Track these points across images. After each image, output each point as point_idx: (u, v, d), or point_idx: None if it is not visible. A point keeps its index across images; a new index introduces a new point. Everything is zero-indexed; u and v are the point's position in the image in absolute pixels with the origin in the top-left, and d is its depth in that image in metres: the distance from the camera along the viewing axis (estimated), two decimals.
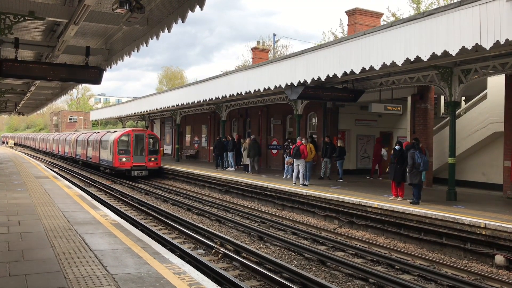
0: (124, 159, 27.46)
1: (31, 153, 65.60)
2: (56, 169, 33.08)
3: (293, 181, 18.16)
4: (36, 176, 20.18)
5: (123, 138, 27.95)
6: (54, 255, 6.84)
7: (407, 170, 13.38)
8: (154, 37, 11.00)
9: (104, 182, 26.22)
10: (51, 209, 11.11)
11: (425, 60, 11.72)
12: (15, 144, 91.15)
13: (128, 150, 27.75)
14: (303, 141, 18.42)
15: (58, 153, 51.08)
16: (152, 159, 28.28)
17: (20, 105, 31.40)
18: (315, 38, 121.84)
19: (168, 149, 43.26)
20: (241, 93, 20.47)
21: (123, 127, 45.15)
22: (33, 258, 6.66)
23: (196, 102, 25.48)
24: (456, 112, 15.71)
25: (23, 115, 45.51)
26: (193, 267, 7.17)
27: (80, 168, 37.73)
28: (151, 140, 28.77)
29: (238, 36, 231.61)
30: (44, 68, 12.33)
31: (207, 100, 24.17)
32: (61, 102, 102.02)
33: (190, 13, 8.80)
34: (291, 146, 20.85)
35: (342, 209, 14.36)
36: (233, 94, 21.18)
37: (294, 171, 18.24)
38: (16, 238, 7.93)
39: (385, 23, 24.36)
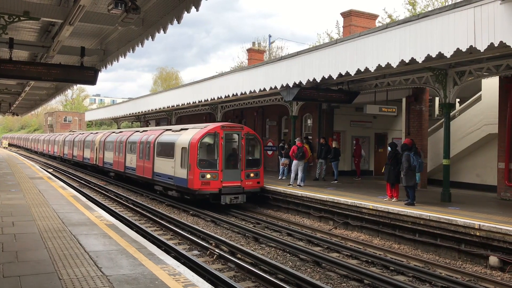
0: (208, 176, 16.51)
1: (28, 155, 65.12)
2: (50, 170, 32.92)
3: (291, 182, 18.13)
4: (30, 177, 20.08)
5: (207, 140, 17.08)
6: (48, 256, 6.81)
7: (402, 172, 13.41)
8: (150, 38, 10.99)
9: (98, 183, 26.10)
10: (45, 210, 11.06)
11: (420, 61, 11.77)
12: (9, 145, 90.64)
13: (214, 160, 16.88)
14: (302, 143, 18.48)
15: (73, 158, 39.78)
16: (252, 174, 17.38)
17: (14, 105, 31.25)
18: (311, 40, 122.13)
19: None
20: (236, 94, 20.49)
21: (118, 128, 45.00)
22: (27, 259, 6.62)
23: (191, 103, 25.46)
24: (451, 114, 15.77)
25: (17, 115, 45.30)
26: (188, 268, 7.16)
27: (74, 168, 37.49)
28: (250, 142, 17.89)
29: (234, 37, 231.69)
30: (38, 69, 12.29)
31: (203, 101, 24.17)
32: (56, 103, 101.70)
33: (185, 14, 8.80)
34: (285, 147, 20.86)
35: (337, 210, 14.37)
36: (228, 95, 21.19)
37: (293, 172, 18.17)
38: (10, 239, 7.89)
39: (380, 24, 24.45)
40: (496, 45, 9.88)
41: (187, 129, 18.98)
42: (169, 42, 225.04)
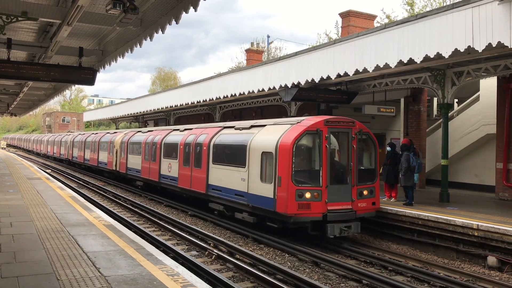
0: (307, 195, 11.36)
1: (27, 155, 64.95)
2: (48, 171, 32.87)
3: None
4: (28, 178, 20.05)
5: (305, 141, 11.90)
6: (46, 256, 6.80)
7: (401, 172, 13.41)
8: (148, 38, 10.98)
9: (97, 184, 26.07)
10: (43, 210, 11.04)
11: (418, 62, 11.79)
12: (8, 146, 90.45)
13: (316, 172, 11.68)
14: None
15: (84, 162, 34.50)
16: (365, 192, 12.22)
17: (12, 105, 31.16)
18: (310, 41, 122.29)
19: None
20: (235, 94, 20.50)
21: (116, 129, 44.97)
22: (26, 260, 6.62)
23: (190, 103, 25.46)
24: (449, 114, 15.80)
25: (15, 116, 45.18)
26: (187, 268, 7.15)
27: (73, 169, 37.40)
28: (362, 143, 12.66)
29: (233, 38, 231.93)
30: (37, 69, 12.27)
31: (201, 101, 24.18)
32: (54, 103, 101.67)
33: (184, 14, 8.80)
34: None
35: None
36: (227, 96, 21.20)
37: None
38: (8, 240, 7.88)
39: (378, 25, 24.47)
40: (494, 45, 9.90)
41: (263, 125, 13.47)
42: (168, 43, 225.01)
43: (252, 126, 14.04)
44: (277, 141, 11.79)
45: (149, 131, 23.13)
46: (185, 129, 18.85)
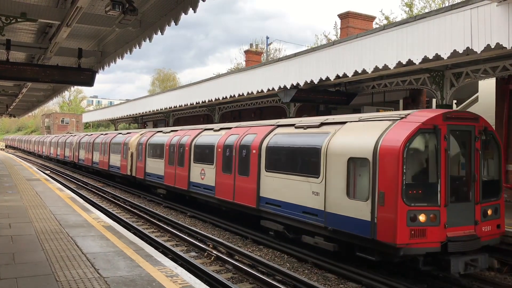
0: (421, 218, 8.35)
1: (27, 156, 64.75)
2: (47, 172, 32.84)
3: None
4: (27, 179, 20.03)
5: (418, 143, 8.84)
6: (45, 258, 6.79)
7: None
8: (147, 40, 10.99)
9: (96, 185, 26.05)
10: (42, 211, 11.03)
11: (417, 63, 11.80)
12: (7, 147, 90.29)
13: (433, 185, 8.64)
14: None
15: (92, 165, 31.11)
16: (490, 211, 9.21)
17: (11, 107, 31.17)
18: (309, 42, 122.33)
19: None
20: (234, 95, 20.51)
21: (115, 130, 44.95)
22: (24, 261, 6.61)
23: (189, 104, 25.48)
24: None
25: (14, 117, 45.16)
26: (186, 269, 7.15)
27: (72, 170, 37.34)
28: (486, 146, 9.59)
29: (233, 39, 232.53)
30: (36, 70, 12.28)
31: (200, 102, 24.18)
32: (53, 104, 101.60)
33: (183, 15, 8.82)
34: None
35: None
36: (226, 97, 21.22)
37: None
38: (6, 241, 7.87)
39: (377, 26, 24.50)
40: (492, 46, 9.91)
41: (342, 122, 10.62)
42: (167, 44, 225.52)
43: (323, 124, 11.03)
44: (376, 143, 8.81)
45: (172, 131, 19.94)
46: (221, 129, 15.85)
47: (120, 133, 27.16)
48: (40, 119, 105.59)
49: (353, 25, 23.72)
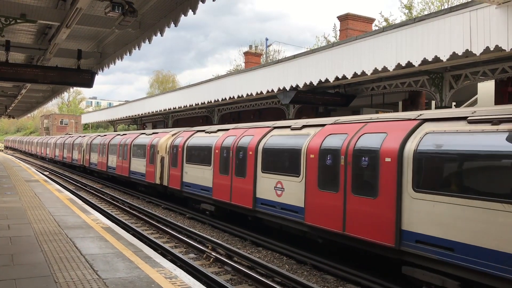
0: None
1: (25, 158, 64.59)
2: (46, 173, 32.81)
3: None
4: (26, 180, 20.01)
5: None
6: (44, 259, 6.78)
7: None
8: (147, 41, 11.01)
9: (95, 186, 26.02)
10: (41, 213, 11.02)
11: (416, 65, 11.82)
12: (6, 148, 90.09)
13: None
14: None
15: (107, 170, 26.99)
16: None
17: (10, 108, 31.17)
18: (308, 44, 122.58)
19: None
20: (233, 97, 20.53)
21: (114, 131, 44.93)
22: (23, 263, 6.60)
23: (188, 106, 25.49)
24: None
25: (13, 118, 45.11)
26: (185, 271, 7.14)
27: (71, 171, 37.24)
28: None
29: (232, 41, 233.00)
30: (35, 71, 12.29)
31: (199, 104, 24.20)
32: (52, 105, 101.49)
33: (183, 17, 8.83)
34: None
35: None
36: (225, 98, 21.24)
37: None
38: (5, 242, 7.86)
39: (377, 28, 24.55)
40: (491, 49, 9.94)
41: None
42: (167, 46, 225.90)
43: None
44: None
45: (220, 130, 15.75)
46: (310, 126, 11.19)
47: (144, 133, 23.23)
48: (39, 120, 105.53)
49: (353, 27, 23.77)
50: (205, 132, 16.52)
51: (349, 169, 9.21)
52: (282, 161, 11.64)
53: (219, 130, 15.68)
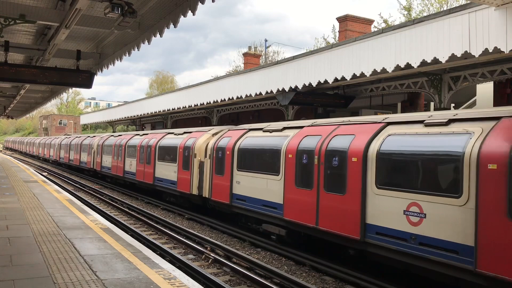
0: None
1: (24, 158, 64.41)
2: (45, 173, 32.78)
3: None
4: (25, 180, 19.99)
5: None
6: (43, 260, 6.78)
7: None
8: (146, 42, 11.02)
9: (93, 187, 26.00)
10: (40, 213, 11.01)
11: (415, 67, 11.84)
12: (5, 148, 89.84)
13: None
14: None
15: (124, 175, 23.60)
16: None
17: (9, 108, 31.16)
18: (308, 45, 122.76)
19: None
20: (232, 98, 20.54)
21: (113, 131, 44.90)
22: (22, 263, 6.59)
23: (187, 106, 25.51)
24: None
25: (12, 118, 45.06)
26: (183, 272, 7.14)
27: (69, 172, 37.19)
28: None
29: (231, 42, 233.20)
30: (34, 72, 12.28)
31: (198, 105, 24.20)
32: (51, 106, 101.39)
33: (182, 18, 8.85)
34: None
35: None
36: (224, 99, 21.25)
37: None
38: (4, 243, 7.85)
39: (376, 29, 24.58)
40: (490, 50, 9.95)
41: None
42: (166, 47, 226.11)
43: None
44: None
45: (288, 127, 12.29)
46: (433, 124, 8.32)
47: (171, 133, 19.87)
48: (37, 121, 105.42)
49: (352, 28, 23.80)
50: (264, 131, 13.10)
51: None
52: (414, 172, 8.48)
53: (286, 128, 12.36)
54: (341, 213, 9.43)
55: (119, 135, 27.30)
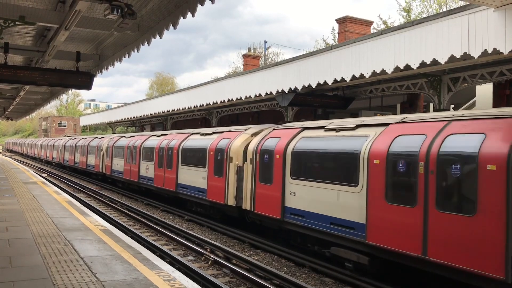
0: None
1: (24, 160, 64.29)
2: (44, 175, 32.76)
3: None
4: (24, 182, 19.98)
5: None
6: (42, 261, 6.77)
7: None
8: (146, 43, 11.02)
9: (93, 188, 25.98)
10: (39, 215, 11.00)
11: (414, 68, 11.85)
12: (6, 150, 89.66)
13: None
14: None
15: (147, 182, 20.63)
16: None
17: (9, 110, 31.15)
18: (307, 46, 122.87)
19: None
20: (232, 99, 20.55)
21: (113, 133, 44.90)
22: (21, 265, 6.59)
23: (187, 108, 25.52)
24: None
25: (11, 120, 45.03)
26: (183, 273, 7.14)
27: (69, 173, 37.16)
28: None
29: (231, 43, 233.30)
30: (33, 73, 12.28)
31: (198, 106, 24.21)
32: (50, 107, 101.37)
33: (182, 20, 8.86)
34: None
35: None
36: (224, 101, 21.25)
37: None
38: (3, 244, 7.85)
39: (375, 31, 24.59)
40: (489, 52, 9.96)
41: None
42: (166, 48, 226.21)
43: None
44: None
45: (373, 125, 9.84)
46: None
47: (197, 133, 17.68)
48: (37, 122, 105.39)
49: (351, 29, 23.81)
50: (326, 130, 10.80)
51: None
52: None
53: (360, 126, 10.00)
54: (467, 241, 7.08)
55: (132, 136, 25.17)
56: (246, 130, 14.57)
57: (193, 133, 17.92)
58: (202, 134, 17.06)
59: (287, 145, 11.57)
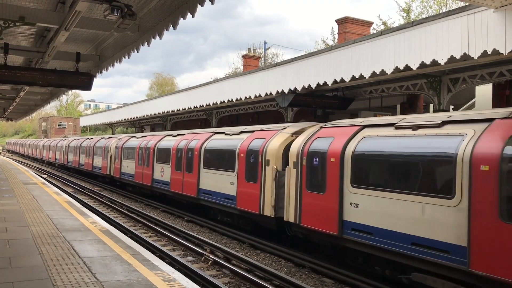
0: None
1: (24, 160, 64.27)
2: (44, 176, 32.76)
3: None
4: (24, 183, 19.98)
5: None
6: (42, 262, 6.77)
7: None
8: (145, 44, 11.03)
9: (93, 189, 25.98)
10: (39, 215, 11.00)
11: (414, 68, 11.85)
12: (7, 150, 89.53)
13: None
14: None
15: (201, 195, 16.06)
16: None
17: (8, 110, 31.16)
18: (307, 47, 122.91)
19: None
20: (232, 100, 20.56)
21: (112, 133, 44.90)
22: (21, 265, 6.59)
23: (187, 108, 25.53)
24: None
25: (11, 120, 45.01)
26: (183, 274, 7.14)
27: (69, 174, 37.12)
28: None
29: (231, 44, 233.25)
30: (33, 74, 12.28)
31: (198, 106, 24.23)
32: (50, 108, 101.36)
33: (182, 20, 8.87)
34: None
35: None
36: (224, 101, 21.27)
37: None
38: (3, 245, 7.85)
39: (375, 31, 24.62)
40: (489, 52, 9.97)
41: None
42: (166, 49, 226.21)
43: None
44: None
45: (446, 122, 8.19)
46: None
47: (221, 132, 15.98)
48: (37, 123, 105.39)
49: (351, 30, 23.80)
50: (397, 128, 8.95)
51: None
52: None
53: (446, 122, 8.20)
54: None
55: (143, 136, 23.50)
56: (284, 128, 12.83)
57: (216, 133, 16.32)
58: (227, 134, 15.34)
59: (345, 146, 9.62)
